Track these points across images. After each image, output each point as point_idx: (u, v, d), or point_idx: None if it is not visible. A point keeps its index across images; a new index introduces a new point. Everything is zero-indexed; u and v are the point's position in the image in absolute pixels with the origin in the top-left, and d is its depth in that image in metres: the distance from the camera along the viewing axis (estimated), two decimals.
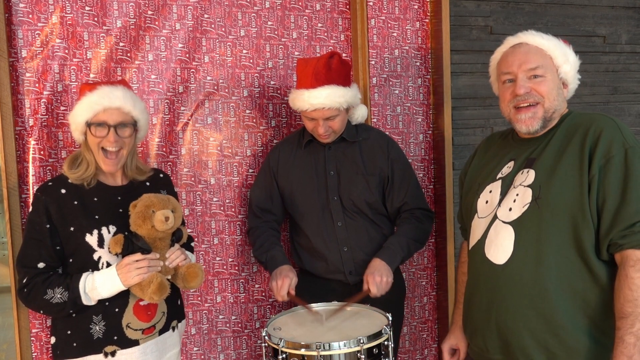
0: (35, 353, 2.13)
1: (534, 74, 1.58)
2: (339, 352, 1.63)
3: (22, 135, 2.10)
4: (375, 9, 2.53)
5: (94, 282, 1.73)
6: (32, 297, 1.74)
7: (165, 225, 1.75)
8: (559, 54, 1.61)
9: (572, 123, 1.58)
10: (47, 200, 1.77)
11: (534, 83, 1.58)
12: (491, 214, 1.63)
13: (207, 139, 2.37)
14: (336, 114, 2.09)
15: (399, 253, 2.11)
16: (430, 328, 2.72)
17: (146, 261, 1.74)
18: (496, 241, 1.58)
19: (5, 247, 2.09)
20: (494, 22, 2.83)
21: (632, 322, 1.37)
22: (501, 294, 1.56)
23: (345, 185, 2.18)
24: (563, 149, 1.53)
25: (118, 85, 1.84)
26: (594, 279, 1.48)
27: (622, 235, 1.41)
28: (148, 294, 1.74)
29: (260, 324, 2.47)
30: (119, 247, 1.74)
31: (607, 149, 1.45)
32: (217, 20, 2.35)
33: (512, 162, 1.65)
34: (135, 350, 1.81)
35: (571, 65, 1.63)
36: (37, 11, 2.11)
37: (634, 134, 3.20)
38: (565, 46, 1.64)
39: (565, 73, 1.62)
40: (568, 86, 1.65)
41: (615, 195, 1.42)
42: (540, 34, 1.63)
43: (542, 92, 1.58)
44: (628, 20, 3.11)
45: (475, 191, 1.73)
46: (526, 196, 1.53)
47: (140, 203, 1.77)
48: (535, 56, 1.59)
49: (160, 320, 1.86)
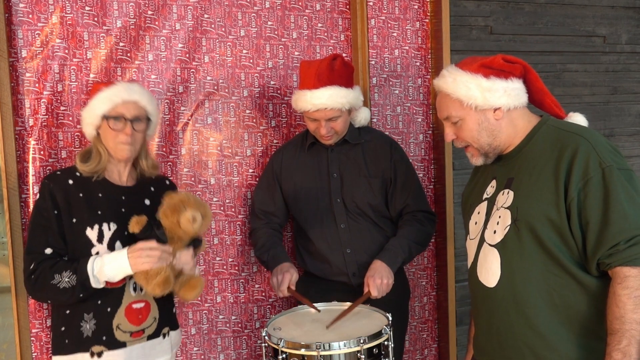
0: (35, 353, 2.13)
1: (452, 121, 1.60)
2: (339, 352, 1.63)
3: (22, 135, 2.10)
4: (375, 9, 2.52)
5: (103, 262, 1.71)
6: (39, 284, 1.72)
7: (191, 226, 1.74)
8: (462, 94, 1.54)
9: (545, 138, 1.55)
10: (54, 187, 1.78)
11: (457, 129, 1.61)
12: (478, 235, 1.65)
13: (207, 139, 2.37)
14: (338, 114, 2.09)
15: (399, 255, 2.11)
16: (430, 328, 2.72)
17: (159, 251, 1.72)
18: (485, 264, 1.59)
19: (5, 247, 2.09)
20: (494, 22, 2.84)
21: (619, 338, 1.38)
22: (498, 315, 1.57)
23: (348, 187, 2.18)
24: (537, 168, 1.52)
25: (134, 82, 1.94)
26: (583, 290, 1.48)
27: (608, 254, 1.41)
28: (152, 284, 1.71)
29: (260, 324, 2.47)
30: (138, 227, 1.73)
31: (584, 170, 1.43)
32: (217, 20, 2.35)
33: (494, 181, 1.66)
34: (121, 352, 1.79)
35: (482, 92, 1.53)
36: (37, 11, 2.10)
37: (633, 134, 3.22)
38: (475, 78, 1.54)
39: (484, 104, 1.54)
40: (501, 107, 1.55)
41: (597, 216, 1.41)
42: (453, 76, 1.56)
43: (464, 137, 1.60)
44: (628, 20, 3.11)
45: (468, 212, 1.75)
46: (506, 218, 1.54)
47: (177, 196, 1.78)
48: (445, 105, 1.60)
49: (151, 325, 1.85)
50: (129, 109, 1.82)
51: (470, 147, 1.62)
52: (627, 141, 3.21)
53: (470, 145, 1.61)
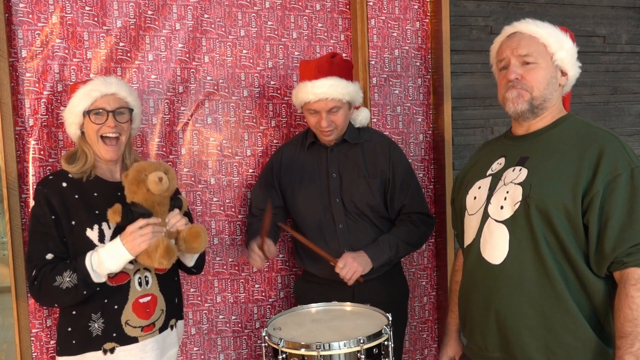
0: (35, 353, 2.13)
1: (526, 61, 1.57)
2: (339, 352, 1.63)
3: (22, 135, 2.10)
4: (375, 9, 2.53)
5: (100, 256, 1.71)
6: (43, 289, 1.72)
7: (160, 185, 1.72)
8: (552, 41, 1.57)
9: (571, 128, 1.56)
10: (48, 192, 1.77)
11: (526, 70, 1.57)
12: (480, 209, 1.62)
13: (207, 139, 2.37)
14: (339, 105, 2.09)
15: (386, 252, 2.12)
16: (430, 328, 2.72)
17: (150, 226, 1.72)
18: (491, 241, 1.57)
19: (5, 247, 2.09)
20: (494, 22, 2.84)
21: (631, 341, 1.37)
22: (500, 292, 1.55)
23: (347, 187, 2.18)
24: (559, 153, 1.52)
25: (110, 75, 1.94)
26: (584, 288, 1.48)
27: (628, 253, 1.41)
28: (157, 259, 1.71)
29: (260, 324, 2.47)
30: (118, 216, 1.72)
31: (613, 166, 1.43)
32: (217, 20, 2.35)
33: (502, 159, 1.64)
34: (134, 347, 1.80)
35: (567, 52, 1.59)
36: (37, 11, 2.11)
37: (633, 134, 3.22)
38: (562, 33, 1.61)
39: (561, 60, 1.58)
40: (567, 74, 1.61)
41: (621, 213, 1.41)
42: (536, 22, 1.61)
43: (532, 81, 1.57)
44: (628, 20, 3.11)
45: (465, 188, 1.73)
46: (517, 194, 1.52)
47: (132, 170, 1.76)
48: (528, 43, 1.58)
49: (160, 317, 1.86)
50: (109, 102, 1.81)
51: (527, 92, 1.57)
52: (627, 141, 3.20)
53: (529, 91, 1.57)
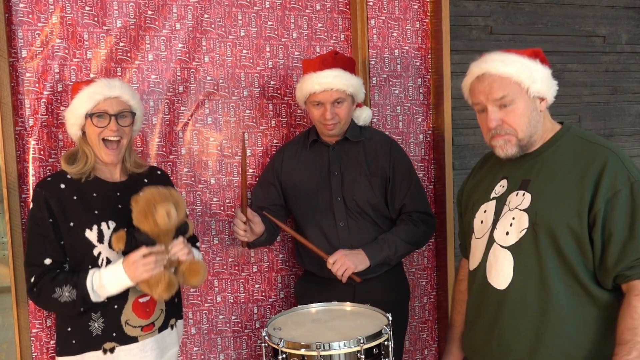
0: (35, 353, 2.13)
1: (503, 104, 1.53)
2: (339, 352, 1.63)
3: (22, 135, 2.10)
4: (375, 9, 2.52)
5: (101, 279, 1.72)
6: (42, 297, 1.73)
7: (167, 220, 1.72)
8: (524, 77, 1.51)
9: (569, 146, 1.54)
10: (47, 194, 1.77)
11: (505, 113, 1.53)
12: (486, 234, 1.63)
13: (207, 139, 2.37)
14: (343, 97, 2.11)
15: (384, 250, 2.12)
16: (430, 328, 2.72)
17: (153, 256, 1.72)
18: (496, 266, 1.58)
19: (5, 247, 2.09)
20: (494, 22, 2.84)
21: (629, 349, 1.38)
22: (503, 317, 1.56)
23: (348, 185, 2.19)
24: (560, 174, 1.51)
25: (114, 77, 1.91)
26: (594, 302, 1.48)
27: (630, 266, 1.42)
28: (157, 292, 1.71)
29: (260, 324, 2.47)
30: (122, 244, 1.73)
31: (612, 183, 1.43)
32: (217, 20, 2.35)
33: (504, 181, 1.63)
34: (133, 347, 1.80)
35: (541, 81, 1.54)
36: (37, 11, 2.10)
37: (633, 134, 3.22)
38: (531, 62, 1.54)
39: (537, 91, 1.53)
40: (546, 98, 1.57)
41: (622, 229, 1.42)
42: (503, 59, 1.54)
43: (513, 124, 1.53)
44: (628, 20, 3.11)
45: (471, 210, 1.73)
46: (523, 221, 1.52)
47: (142, 198, 1.75)
48: (500, 85, 1.52)
49: (159, 317, 1.86)
50: (112, 105, 1.80)
51: (509, 135, 1.54)
52: (627, 141, 3.22)
53: (510, 133, 1.54)
